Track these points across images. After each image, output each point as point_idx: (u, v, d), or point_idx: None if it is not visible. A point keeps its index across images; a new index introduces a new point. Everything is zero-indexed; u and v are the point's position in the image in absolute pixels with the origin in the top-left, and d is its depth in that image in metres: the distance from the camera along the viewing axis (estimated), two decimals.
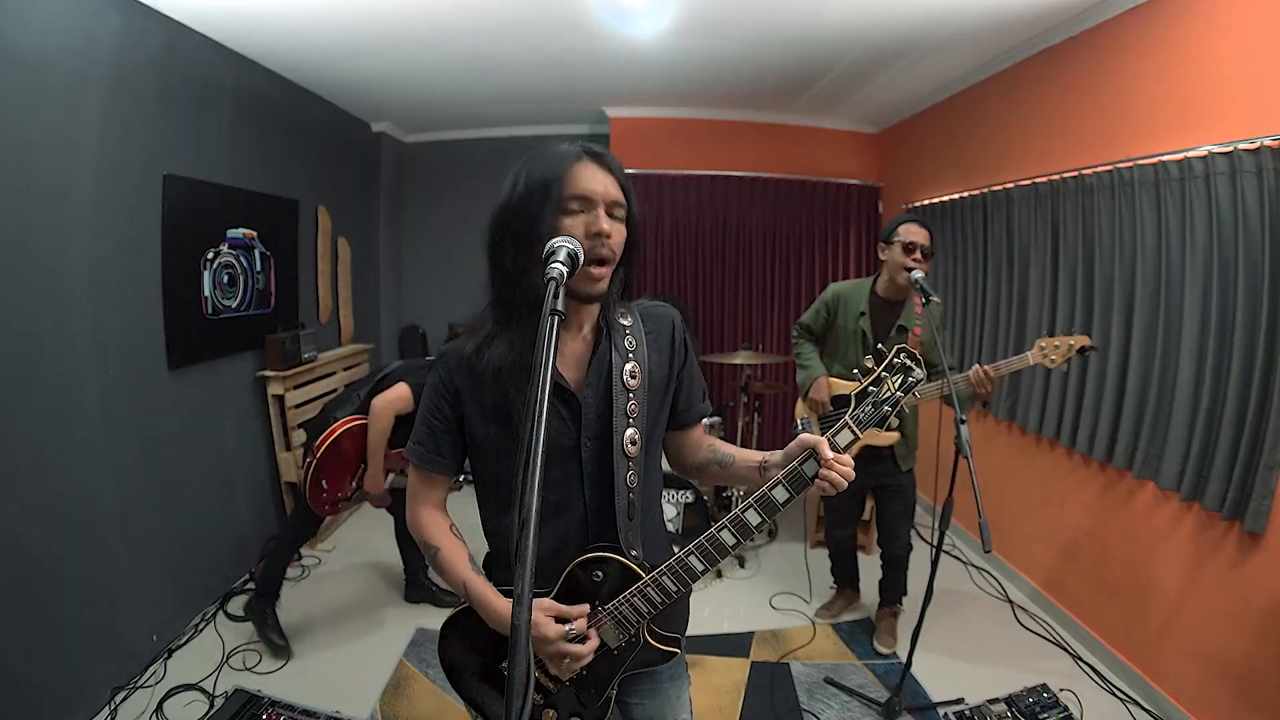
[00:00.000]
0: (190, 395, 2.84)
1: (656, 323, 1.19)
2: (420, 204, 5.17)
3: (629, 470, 1.10)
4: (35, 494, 2.08)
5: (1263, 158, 1.90)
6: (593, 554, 1.09)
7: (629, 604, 1.08)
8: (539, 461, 0.69)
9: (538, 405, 0.72)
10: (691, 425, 1.27)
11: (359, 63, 3.38)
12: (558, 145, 1.05)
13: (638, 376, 1.11)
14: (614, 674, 1.13)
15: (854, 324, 2.49)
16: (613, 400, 1.08)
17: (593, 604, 1.08)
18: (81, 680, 2.20)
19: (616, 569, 1.09)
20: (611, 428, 1.08)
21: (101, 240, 2.34)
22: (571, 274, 0.87)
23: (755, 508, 1.05)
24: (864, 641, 2.76)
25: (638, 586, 1.08)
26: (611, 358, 1.10)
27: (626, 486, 1.10)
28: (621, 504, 1.10)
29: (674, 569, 1.07)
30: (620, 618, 1.09)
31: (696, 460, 1.29)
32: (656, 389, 1.16)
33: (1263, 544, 1.98)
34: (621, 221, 1.04)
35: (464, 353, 1.09)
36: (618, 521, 1.10)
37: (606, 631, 1.09)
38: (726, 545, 1.06)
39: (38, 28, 2.05)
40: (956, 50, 3.11)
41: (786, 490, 1.04)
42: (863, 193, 4.73)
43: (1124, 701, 2.35)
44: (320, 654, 2.62)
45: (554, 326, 0.78)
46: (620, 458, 1.09)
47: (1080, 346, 2.14)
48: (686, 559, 1.07)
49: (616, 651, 1.11)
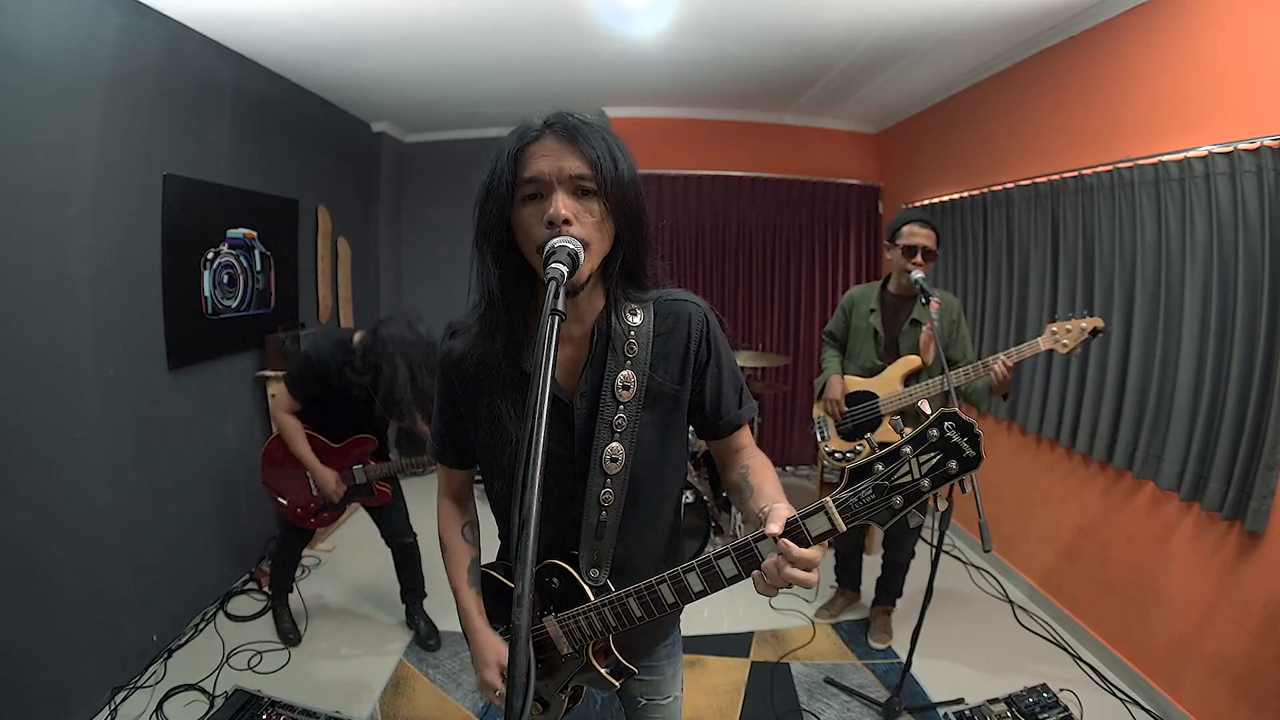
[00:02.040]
0: (190, 395, 2.83)
1: (671, 321, 1.02)
2: (420, 204, 5.16)
3: (603, 488, 1.00)
4: (35, 494, 2.08)
5: (1263, 157, 1.90)
6: (552, 562, 1.04)
7: (575, 621, 1.03)
8: (539, 463, 0.67)
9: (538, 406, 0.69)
10: (723, 436, 1.10)
11: (359, 63, 3.38)
12: (530, 119, 0.91)
13: (631, 387, 0.99)
14: (561, 682, 1.11)
15: (865, 321, 2.51)
16: (599, 411, 0.99)
17: (547, 609, 1.05)
18: (81, 680, 2.20)
19: (571, 582, 1.03)
20: (592, 442, 0.99)
21: (102, 240, 2.34)
22: (573, 272, 0.81)
23: (697, 572, 0.91)
24: (864, 641, 2.76)
25: (582, 608, 1.02)
26: (606, 363, 0.98)
27: (599, 504, 1.01)
28: (590, 520, 1.01)
29: (615, 604, 0.99)
30: (569, 631, 1.05)
31: (729, 478, 1.12)
32: (659, 399, 1.02)
33: (1263, 544, 1.98)
34: (596, 197, 0.88)
35: (454, 353, 1.05)
36: (581, 538, 1.03)
37: (556, 637, 1.06)
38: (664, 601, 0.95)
39: (37, 28, 2.05)
40: (956, 50, 3.11)
41: (734, 566, 0.89)
42: (863, 193, 4.73)
43: (1124, 701, 2.35)
44: (320, 654, 2.62)
45: (554, 327, 0.74)
46: (596, 473, 0.99)
47: (1093, 329, 2.06)
48: (626, 600, 0.98)
49: (564, 659, 1.08)
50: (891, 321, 2.47)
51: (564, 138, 0.88)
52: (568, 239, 0.84)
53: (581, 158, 0.87)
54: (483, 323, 0.99)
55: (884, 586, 2.77)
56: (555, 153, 0.87)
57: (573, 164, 0.87)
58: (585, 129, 0.89)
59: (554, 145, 0.88)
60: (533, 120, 0.91)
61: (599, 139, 0.89)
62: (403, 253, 5.20)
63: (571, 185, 0.87)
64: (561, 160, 0.87)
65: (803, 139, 4.62)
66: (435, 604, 2.86)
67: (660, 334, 1.01)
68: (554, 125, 0.89)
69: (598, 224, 0.89)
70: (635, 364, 0.99)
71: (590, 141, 0.88)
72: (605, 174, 0.88)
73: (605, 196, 0.89)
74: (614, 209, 0.91)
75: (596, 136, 0.89)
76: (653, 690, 1.24)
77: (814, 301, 4.78)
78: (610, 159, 0.89)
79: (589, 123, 0.90)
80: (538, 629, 1.06)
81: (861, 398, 2.44)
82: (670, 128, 4.50)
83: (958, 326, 2.38)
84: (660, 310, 1.02)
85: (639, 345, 0.99)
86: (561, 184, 0.87)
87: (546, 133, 0.89)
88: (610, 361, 0.98)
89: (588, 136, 0.88)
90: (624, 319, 1.00)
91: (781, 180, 4.60)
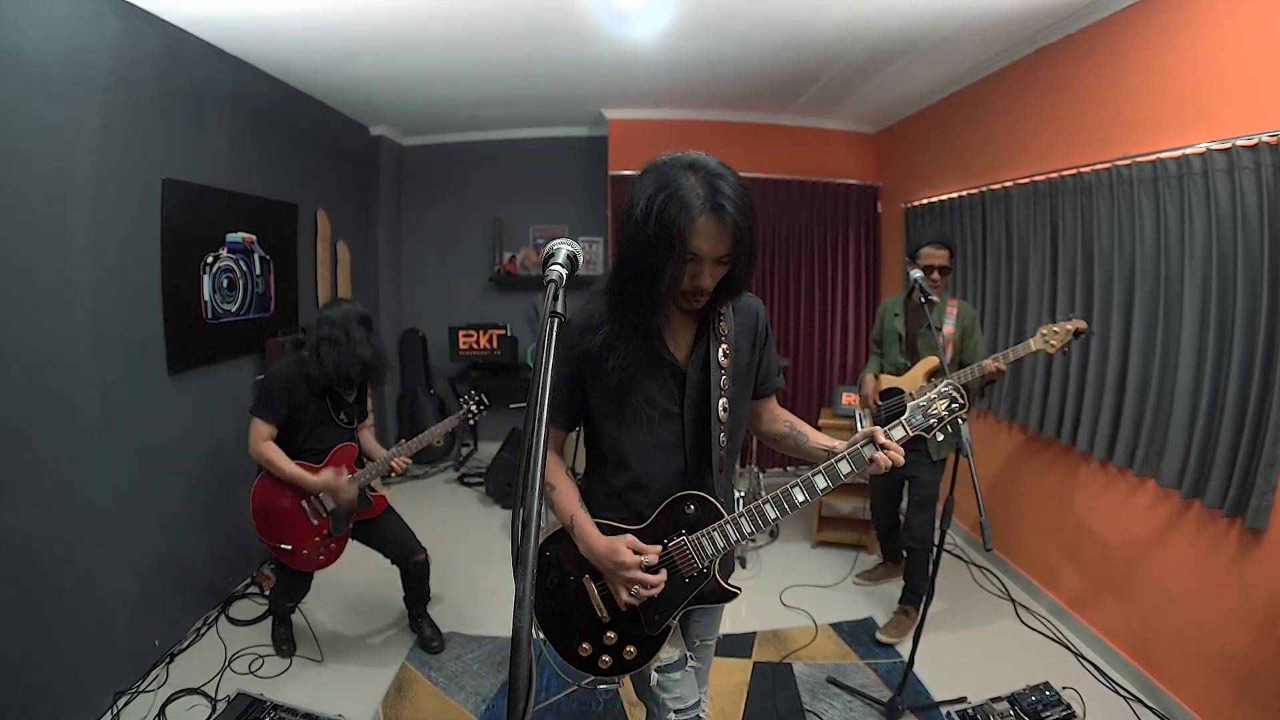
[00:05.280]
0: (190, 399, 2.84)
1: (746, 314, 1.41)
2: (419, 207, 5.17)
3: (720, 432, 1.33)
4: (36, 498, 2.08)
5: (1261, 154, 1.90)
6: (688, 493, 1.31)
7: (709, 537, 1.29)
8: (540, 463, 0.69)
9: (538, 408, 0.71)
10: (768, 395, 1.51)
11: (357, 66, 3.39)
12: (686, 184, 1.12)
13: (729, 357, 1.34)
14: (679, 603, 1.32)
15: (891, 324, 2.84)
16: (710, 376, 1.31)
17: (678, 534, 1.31)
18: (83, 684, 2.20)
19: (705, 507, 1.31)
20: (709, 398, 1.31)
21: (101, 245, 2.34)
22: (572, 274, 0.92)
23: (823, 474, 1.28)
24: (866, 641, 2.76)
25: (719, 524, 1.29)
26: (709, 343, 1.32)
27: (718, 445, 1.33)
28: (715, 459, 1.33)
29: (750, 513, 1.28)
30: (699, 548, 1.30)
31: (774, 430, 1.53)
32: (742, 368, 1.38)
33: (1264, 540, 1.98)
34: (726, 264, 1.19)
35: (578, 327, 1.28)
36: (713, 472, 1.33)
37: (685, 558, 1.31)
38: (796, 501, 1.27)
39: (36, 32, 2.06)
40: (954, 49, 3.11)
41: (850, 464, 1.26)
42: (861, 192, 4.73)
43: (1126, 699, 2.35)
44: (323, 657, 2.62)
45: (554, 329, 0.78)
46: (715, 422, 1.32)
47: (1076, 330, 2.29)
48: (762, 506, 1.27)
49: (688, 580, 1.32)
50: (912, 326, 2.77)
51: (721, 220, 1.12)
52: (568, 241, 0.96)
53: (729, 240, 1.15)
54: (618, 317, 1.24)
55: (905, 583, 2.84)
56: (713, 237, 1.13)
57: (723, 248, 1.15)
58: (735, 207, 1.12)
59: (712, 229, 1.13)
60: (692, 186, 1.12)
61: (743, 216, 1.13)
62: (402, 255, 5.21)
63: (715, 261, 1.17)
64: (716, 244, 1.14)
65: (801, 139, 4.63)
66: (436, 607, 2.87)
67: (740, 323, 1.38)
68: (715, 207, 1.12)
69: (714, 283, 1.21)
70: (728, 341, 1.35)
71: (738, 223, 1.13)
72: (740, 250, 1.17)
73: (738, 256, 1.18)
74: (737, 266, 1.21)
75: (741, 214, 1.13)
76: (707, 630, 1.51)
77: (813, 302, 4.78)
78: (747, 233, 1.15)
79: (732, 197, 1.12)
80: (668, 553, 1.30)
81: (891, 394, 2.74)
82: (669, 129, 4.50)
83: (971, 333, 2.64)
84: (736, 307, 1.39)
85: (728, 329, 1.35)
86: (709, 260, 1.16)
87: (709, 213, 1.12)
88: (712, 341, 1.32)
89: (735, 219, 1.12)
90: (718, 312, 1.33)
91: (780, 181, 4.60)
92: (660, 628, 1.32)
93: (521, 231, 5.12)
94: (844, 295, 4.78)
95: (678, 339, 1.32)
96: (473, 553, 3.54)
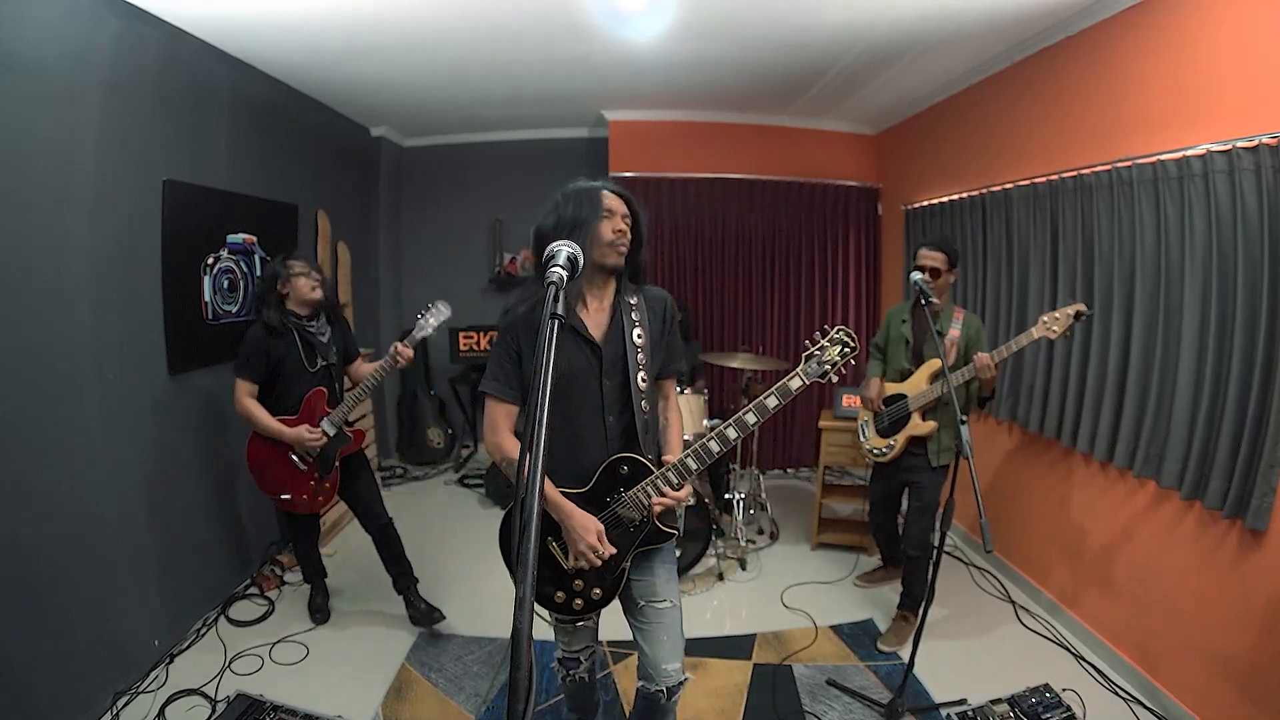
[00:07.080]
0: (191, 400, 2.84)
1: (655, 302, 1.67)
2: (419, 208, 5.17)
3: (642, 399, 1.57)
4: (36, 499, 2.08)
5: (1261, 156, 1.90)
6: (620, 455, 1.56)
7: (643, 491, 1.54)
8: (540, 465, 0.69)
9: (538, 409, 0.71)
10: (665, 379, 1.74)
11: (358, 68, 3.39)
12: (589, 182, 1.56)
13: (643, 337, 1.59)
14: (629, 548, 1.59)
15: (898, 330, 2.82)
16: (627, 352, 1.56)
17: (618, 491, 1.56)
18: (83, 685, 2.20)
19: (636, 465, 1.57)
20: (628, 370, 1.56)
21: (101, 246, 2.34)
22: (573, 277, 1.00)
23: (739, 418, 1.55)
24: (866, 643, 2.75)
25: (650, 478, 1.55)
26: (624, 323, 1.58)
27: (641, 410, 1.57)
28: (640, 422, 1.57)
29: (676, 467, 1.54)
30: (638, 501, 1.55)
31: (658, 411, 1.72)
32: (654, 347, 1.64)
33: (1264, 542, 1.98)
34: (629, 228, 1.55)
35: (518, 311, 1.53)
36: (638, 434, 1.57)
37: (627, 510, 1.55)
38: (711, 451, 1.54)
39: (35, 33, 2.06)
40: (954, 51, 3.11)
41: (755, 415, 1.54)
42: (861, 194, 4.73)
43: (1127, 701, 2.35)
44: (323, 658, 2.62)
45: (554, 330, 0.79)
46: (636, 391, 1.56)
47: (1076, 312, 2.27)
48: (684, 459, 1.54)
49: (633, 528, 1.58)
50: (919, 332, 2.74)
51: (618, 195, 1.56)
52: (568, 243, 1.05)
53: (626, 207, 1.56)
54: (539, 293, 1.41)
55: (903, 588, 2.82)
56: (616, 202, 1.54)
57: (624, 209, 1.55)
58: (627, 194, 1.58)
59: (614, 197, 1.54)
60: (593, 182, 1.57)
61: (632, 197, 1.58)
62: (402, 256, 5.21)
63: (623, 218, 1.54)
64: (620, 206, 1.55)
65: (801, 141, 4.63)
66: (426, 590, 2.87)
67: (649, 309, 1.65)
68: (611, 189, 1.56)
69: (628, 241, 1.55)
70: (640, 323, 1.60)
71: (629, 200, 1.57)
72: (638, 220, 1.58)
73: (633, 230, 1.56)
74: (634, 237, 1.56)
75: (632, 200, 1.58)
76: (649, 592, 1.65)
77: (814, 304, 4.78)
78: (638, 210, 1.58)
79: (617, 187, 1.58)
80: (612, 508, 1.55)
81: (894, 399, 2.74)
82: (668, 130, 4.51)
83: (976, 344, 2.62)
84: (645, 296, 1.66)
85: (640, 314, 1.61)
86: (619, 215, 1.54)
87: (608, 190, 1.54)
88: (625, 322, 1.58)
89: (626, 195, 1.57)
90: (628, 299, 1.61)
91: (780, 182, 4.60)
92: (617, 570, 1.59)
93: (522, 233, 5.11)
94: (844, 297, 4.78)
95: (594, 321, 1.57)
96: (472, 554, 3.54)
